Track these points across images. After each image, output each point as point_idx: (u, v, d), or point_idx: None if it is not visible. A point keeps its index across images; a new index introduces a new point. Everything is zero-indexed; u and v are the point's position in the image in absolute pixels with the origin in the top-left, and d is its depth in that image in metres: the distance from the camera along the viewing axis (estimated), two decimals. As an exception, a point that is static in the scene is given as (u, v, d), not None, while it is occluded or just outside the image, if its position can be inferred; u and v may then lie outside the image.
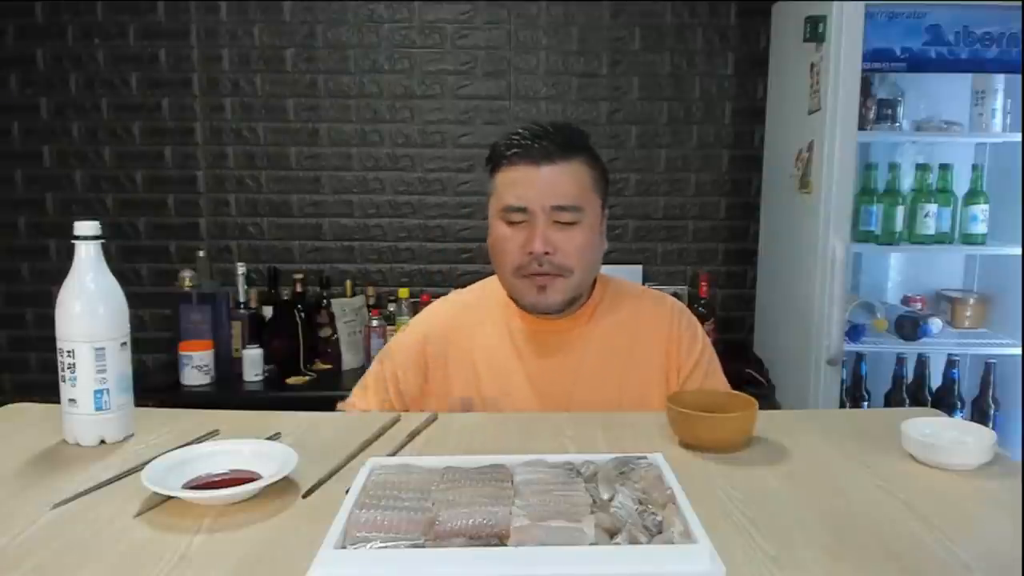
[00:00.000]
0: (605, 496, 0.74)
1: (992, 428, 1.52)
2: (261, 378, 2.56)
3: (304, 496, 0.85)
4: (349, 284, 2.82)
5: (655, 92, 2.86)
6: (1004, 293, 2.56)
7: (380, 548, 0.66)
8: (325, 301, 2.71)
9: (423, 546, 0.66)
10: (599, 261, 1.33)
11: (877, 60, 2.40)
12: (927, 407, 2.29)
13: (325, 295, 2.73)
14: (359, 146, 2.87)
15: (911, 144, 2.61)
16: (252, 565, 0.69)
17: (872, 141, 2.57)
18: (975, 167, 2.49)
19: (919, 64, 2.41)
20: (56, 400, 1.00)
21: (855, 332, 2.47)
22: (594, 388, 1.28)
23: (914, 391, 2.51)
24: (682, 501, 0.72)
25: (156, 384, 2.56)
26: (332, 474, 0.90)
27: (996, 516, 0.81)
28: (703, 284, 2.73)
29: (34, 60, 2.80)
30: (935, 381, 2.52)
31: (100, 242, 0.98)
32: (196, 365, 2.49)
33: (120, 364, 0.99)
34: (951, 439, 0.95)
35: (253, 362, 2.54)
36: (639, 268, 2.86)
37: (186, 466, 0.85)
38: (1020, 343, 2.41)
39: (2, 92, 2.81)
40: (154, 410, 1.13)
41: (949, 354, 2.48)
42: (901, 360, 2.51)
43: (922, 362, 2.51)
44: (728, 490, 0.85)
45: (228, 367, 2.57)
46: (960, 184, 2.50)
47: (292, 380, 2.56)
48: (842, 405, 2.44)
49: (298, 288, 2.70)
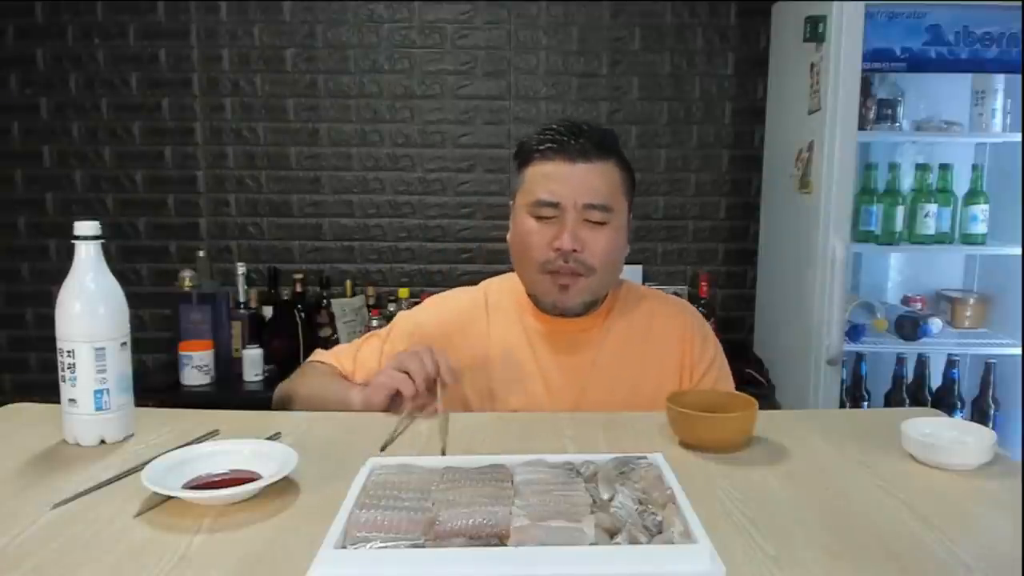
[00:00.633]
0: (605, 496, 0.74)
1: (992, 428, 1.52)
2: (261, 378, 2.55)
3: (381, 449, 0.99)
4: (349, 284, 2.82)
5: (655, 92, 2.86)
6: (1004, 293, 2.56)
7: (380, 548, 0.66)
8: (325, 301, 2.71)
9: (423, 546, 0.66)
10: (622, 265, 1.33)
11: (877, 60, 2.39)
12: (927, 407, 2.30)
13: (325, 295, 2.73)
14: (359, 146, 2.87)
15: (911, 144, 2.61)
16: (252, 565, 0.69)
17: (872, 141, 2.57)
18: (975, 167, 2.49)
19: (919, 64, 2.41)
20: (56, 400, 1.00)
21: (855, 332, 2.47)
22: (608, 388, 1.28)
23: (914, 391, 2.51)
24: (682, 501, 0.72)
25: (156, 384, 2.56)
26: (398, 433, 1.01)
27: (996, 516, 0.81)
28: (703, 284, 2.73)
29: (34, 60, 2.80)
30: (935, 381, 2.53)
31: (100, 242, 0.98)
32: (196, 365, 2.49)
33: (120, 364, 0.99)
34: (951, 439, 0.95)
35: (253, 362, 2.54)
36: (639, 268, 2.86)
37: (186, 466, 0.85)
38: (1020, 343, 2.41)
39: (2, 92, 2.81)
40: (154, 410, 1.13)
41: (949, 354, 2.48)
42: (901, 360, 2.51)
43: (922, 362, 2.51)
44: (728, 490, 0.85)
45: (228, 367, 2.57)
46: (960, 184, 2.50)
47: (292, 380, 2.56)
48: (842, 405, 2.44)
49: (298, 288, 2.70)
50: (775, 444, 1.00)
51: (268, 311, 2.70)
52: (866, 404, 2.54)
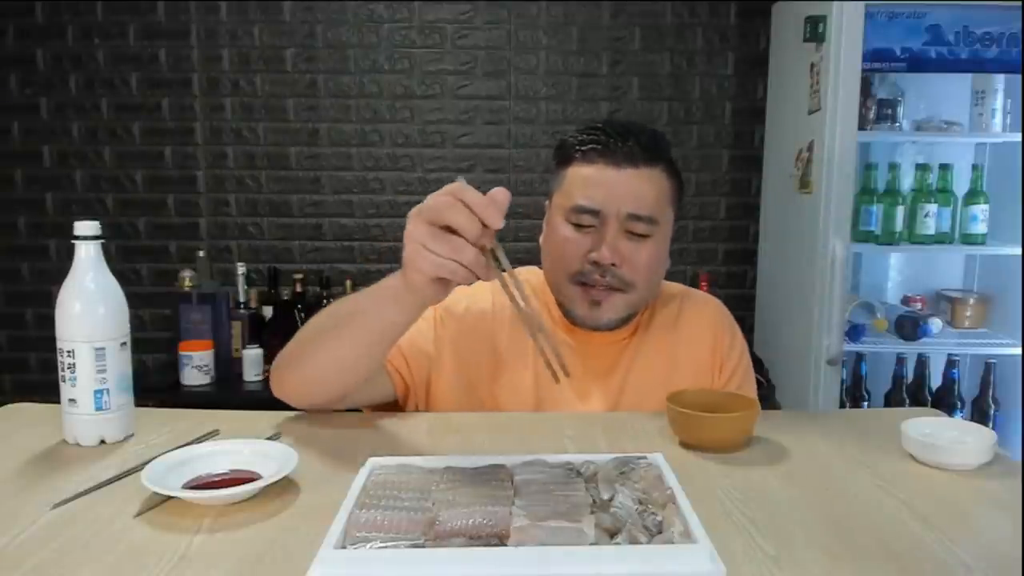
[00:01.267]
0: (605, 496, 0.74)
1: (992, 428, 1.52)
2: (261, 378, 2.56)
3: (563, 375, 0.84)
4: (349, 284, 2.82)
5: (655, 92, 2.86)
6: (1004, 293, 2.56)
7: (380, 548, 0.66)
8: (325, 301, 2.71)
9: (423, 546, 0.66)
10: (662, 280, 1.24)
11: (877, 60, 2.40)
12: (927, 407, 2.30)
13: (325, 295, 2.73)
14: (359, 146, 2.87)
15: (911, 144, 2.62)
16: (252, 565, 0.69)
17: (872, 141, 2.58)
18: (975, 167, 2.49)
19: (919, 64, 2.41)
20: (56, 400, 1.00)
21: (855, 332, 2.48)
22: (641, 397, 1.20)
23: (914, 391, 2.51)
24: (682, 501, 0.72)
25: (156, 384, 2.56)
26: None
27: (996, 516, 0.81)
28: (703, 284, 2.73)
29: (34, 60, 2.80)
30: (935, 381, 2.53)
31: (100, 242, 0.98)
32: (196, 365, 2.49)
33: (120, 364, 0.99)
34: (951, 439, 0.95)
35: (253, 362, 2.55)
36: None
37: (186, 466, 0.85)
38: (1020, 343, 2.41)
39: (2, 92, 2.81)
40: (154, 410, 1.13)
41: (949, 354, 2.48)
42: (901, 360, 2.51)
43: (922, 362, 2.51)
44: (728, 490, 0.85)
45: (228, 367, 2.57)
46: (960, 184, 2.50)
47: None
48: (842, 405, 2.44)
49: (298, 288, 2.70)
50: (775, 444, 1.00)
51: (268, 311, 2.70)
52: (866, 404, 2.54)
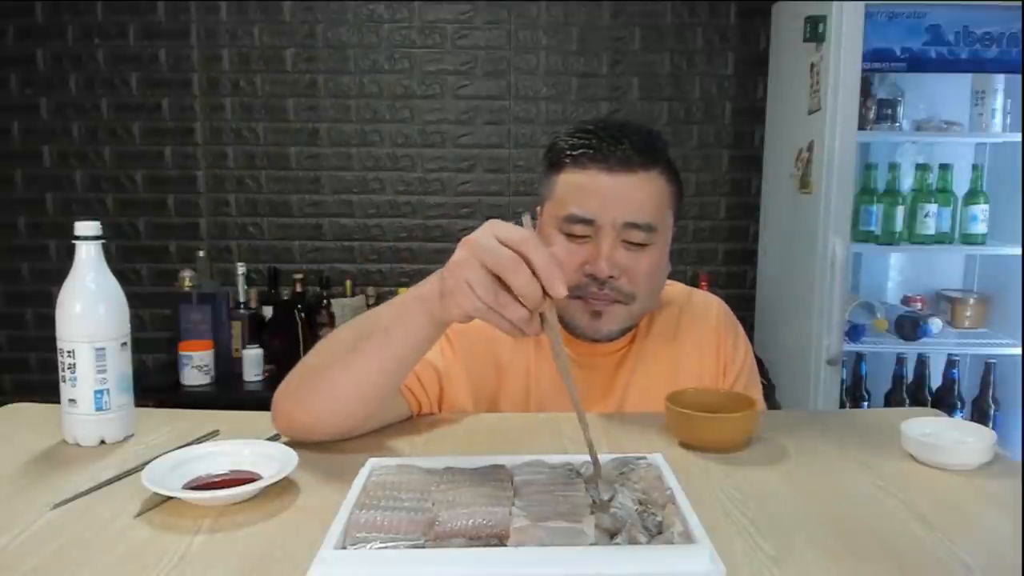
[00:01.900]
0: (605, 496, 0.74)
1: (992, 428, 1.52)
2: (261, 378, 2.56)
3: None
4: (349, 284, 2.82)
5: (655, 92, 2.86)
6: (1004, 293, 2.56)
7: (380, 548, 0.66)
8: (325, 301, 2.71)
9: (423, 546, 0.66)
10: (663, 287, 1.19)
11: (877, 60, 2.40)
12: (927, 407, 2.30)
13: (325, 295, 2.73)
14: (359, 146, 2.87)
15: (911, 144, 2.62)
16: (252, 565, 0.69)
17: (872, 141, 2.58)
18: (975, 167, 2.49)
19: (919, 64, 2.41)
20: (56, 400, 1.00)
21: (855, 332, 2.48)
22: (644, 404, 1.18)
23: (914, 391, 2.51)
24: (682, 501, 0.72)
25: (156, 384, 2.56)
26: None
27: (996, 516, 0.81)
28: (703, 284, 2.73)
29: (34, 60, 2.80)
30: (935, 381, 2.53)
31: (101, 242, 0.98)
32: (196, 365, 2.49)
33: (120, 364, 0.99)
34: (951, 439, 0.95)
35: (253, 362, 2.55)
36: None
37: (186, 466, 0.85)
38: (1020, 343, 2.41)
39: (2, 92, 2.82)
40: (154, 410, 1.13)
41: (949, 354, 2.48)
42: (901, 360, 2.51)
43: (922, 362, 2.51)
44: (728, 490, 0.85)
45: (228, 367, 2.58)
46: (960, 184, 2.50)
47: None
48: (842, 405, 2.44)
49: (298, 288, 2.71)
50: (775, 444, 1.00)
51: (268, 311, 2.70)
52: (866, 404, 2.55)
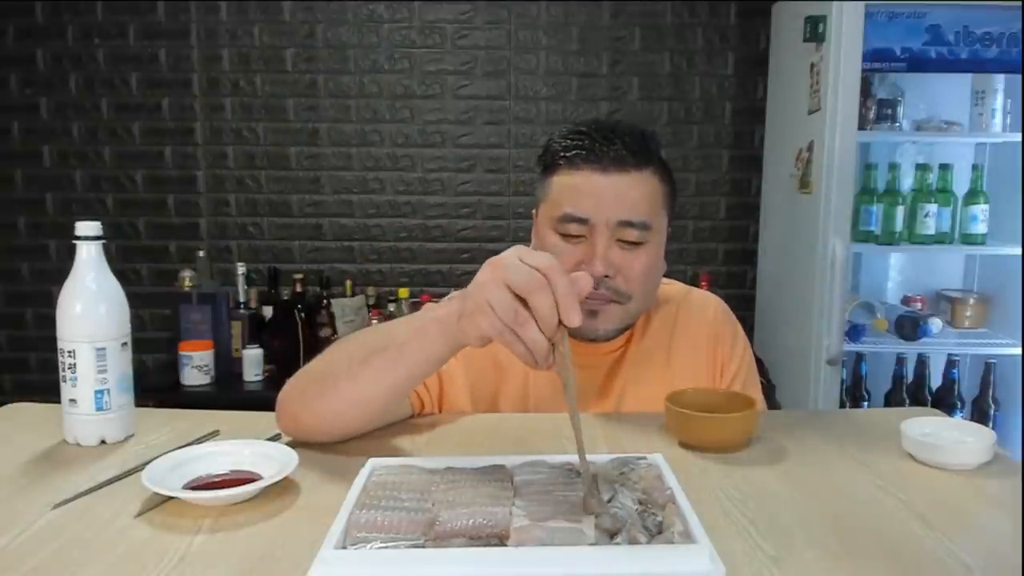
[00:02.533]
0: (605, 496, 0.74)
1: (992, 428, 1.52)
2: (261, 378, 2.56)
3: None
4: (349, 284, 2.82)
5: (655, 92, 2.86)
6: (1004, 293, 2.56)
7: (380, 548, 0.66)
8: (325, 301, 2.71)
9: (423, 546, 0.66)
10: (659, 286, 1.20)
11: (877, 60, 2.40)
12: (927, 407, 2.30)
13: (325, 295, 2.73)
14: (359, 146, 2.87)
15: (911, 144, 2.62)
16: (252, 565, 0.69)
17: (872, 141, 2.58)
18: (975, 167, 2.49)
19: (919, 64, 2.41)
20: (56, 400, 1.00)
21: (855, 332, 2.48)
22: (642, 404, 1.17)
23: (914, 391, 2.51)
24: (682, 501, 0.72)
25: (156, 384, 2.56)
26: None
27: (996, 516, 0.81)
28: (703, 284, 2.73)
29: (34, 60, 2.80)
30: (935, 381, 2.53)
31: (101, 242, 0.98)
32: (196, 365, 2.49)
33: (121, 364, 0.99)
34: (951, 439, 0.95)
35: (253, 362, 2.55)
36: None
37: (186, 466, 0.85)
38: (1020, 343, 2.41)
39: (2, 92, 2.82)
40: (154, 410, 1.13)
41: (949, 354, 2.48)
42: (901, 360, 2.51)
43: (922, 362, 2.51)
44: (728, 490, 0.85)
45: (228, 367, 2.58)
46: (960, 184, 2.50)
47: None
48: (842, 405, 2.44)
49: (298, 288, 2.71)
50: (775, 444, 1.00)
51: (268, 311, 2.70)
52: (866, 404, 2.55)
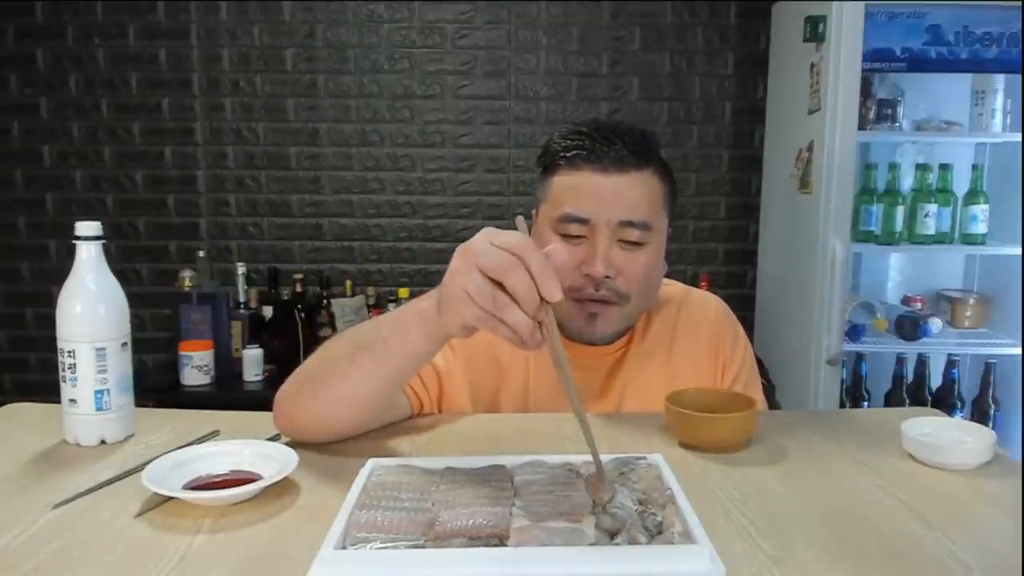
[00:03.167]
0: (605, 497, 0.74)
1: (992, 428, 1.52)
2: (261, 378, 2.56)
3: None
4: (349, 284, 2.82)
5: (655, 92, 2.86)
6: (1004, 293, 2.56)
7: (380, 548, 0.66)
8: (325, 301, 2.71)
9: (423, 546, 0.66)
10: (659, 287, 1.20)
11: (877, 60, 2.40)
12: (927, 407, 2.30)
13: (325, 295, 2.73)
14: (359, 146, 2.87)
15: (911, 144, 2.62)
16: (252, 565, 0.69)
17: (872, 141, 2.58)
18: (975, 167, 2.49)
19: (919, 64, 2.41)
20: (56, 400, 1.00)
21: (855, 332, 2.48)
22: (643, 404, 1.17)
23: (914, 391, 2.51)
24: (682, 501, 0.72)
25: (156, 384, 2.56)
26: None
27: (996, 516, 0.81)
28: (703, 284, 2.73)
29: (34, 60, 2.80)
30: (935, 381, 2.53)
31: (101, 242, 0.98)
32: (196, 365, 2.49)
33: (121, 364, 0.99)
34: (951, 439, 0.95)
35: (253, 362, 2.55)
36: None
37: (186, 466, 0.85)
38: (1020, 343, 2.41)
39: (2, 92, 2.82)
40: (154, 410, 1.13)
41: (949, 354, 2.48)
42: (901, 360, 2.51)
43: (922, 362, 2.51)
44: (728, 490, 0.85)
45: (228, 367, 2.58)
46: (960, 184, 2.50)
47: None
48: (842, 405, 2.44)
49: (298, 288, 2.71)
50: (775, 444, 1.00)
51: (268, 311, 2.70)
52: (866, 404, 2.55)
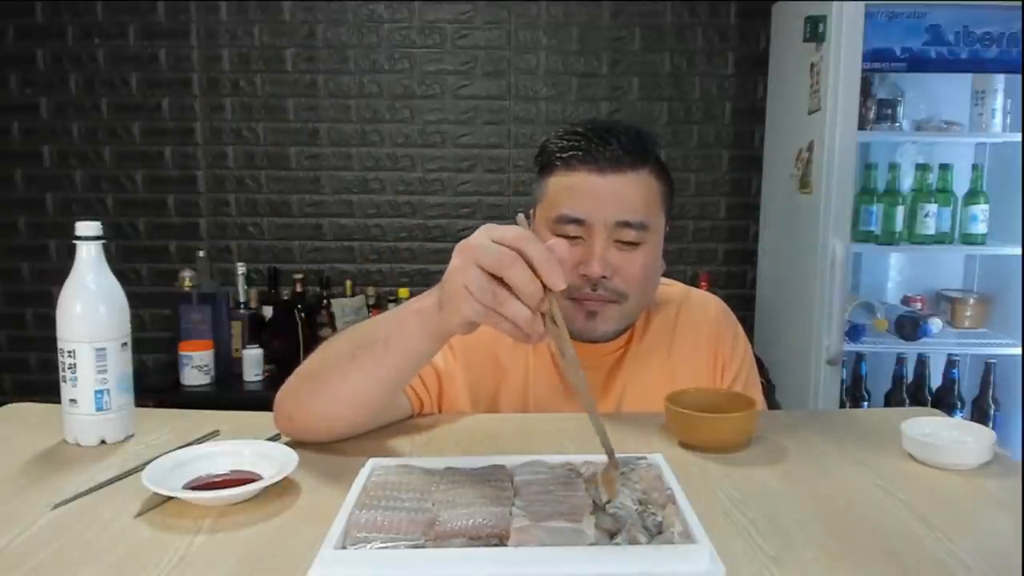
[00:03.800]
0: (605, 496, 0.74)
1: (992, 428, 1.52)
2: (261, 378, 2.56)
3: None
4: (349, 284, 2.82)
5: (655, 92, 2.86)
6: (1004, 293, 2.56)
7: (380, 548, 0.66)
8: (325, 301, 2.71)
9: (423, 546, 0.66)
10: (657, 285, 1.20)
11: (877, 60, 2.40)
12: (927, 407, 2.30)
13: (325, 295, 2.73)
14: (359, 146, 2.87)
15: (911, 144, 2.62)
16: (252, 565, 0.69)
17: (872, 141, 2.58)
18: (975, 167, 2.49)
19: (919, 64, 2.41)
20: (56, 400, 1.00)
21: (855, 332, 2.48)
22: (642, 404, 1.17)
23: (914, 391, 2.51)
24: (682, 501, 0.72)
25: (156, 384, 2.56)
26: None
27: (996, 516, 0.81)
28: (703, 284, 2.73)
29: (34, 60, 2.80)
30: (935, 381, 2.53)
31: (101, 242, 0.98)
32: (196, 365, 2.49)
33: (121, 364, 0.99)
34: (951, 439, 0.95)
35: (253, 362, 2.55)
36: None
37: (186, 466, 0.85)
38: (1020, 343, 2.41)
39: (2, 92, 2.82)
40: (154, 410, 1.13)
41: (949, 354, 2.48)
42: (901, 360, 2.51)
43: (922, 362, 2.51)
44: (728, 490, 0.85)
45: (228, 367, 2.58)
46: (960, 184, 2.50)
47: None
48: (842, 405, 2.44)
49: (298, 288, 2.71)
50: (775, 444, 1.00)
51: (268, 311, 2.70)
52: (866, 404, 2.55)
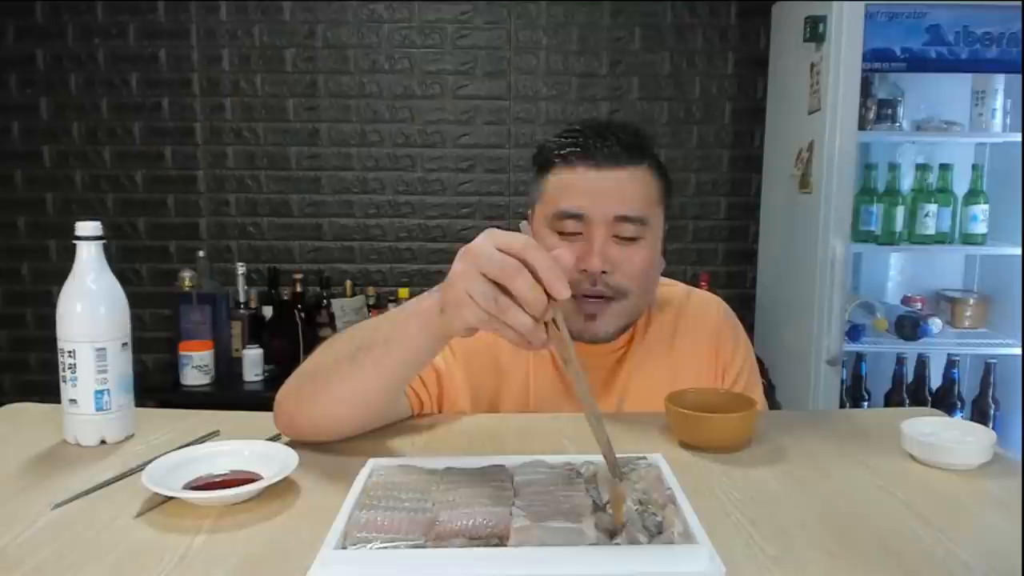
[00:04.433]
0: (605, 497, 0.74)
1: (992, 428, 1.52)
2: (261, 378, 2.56)
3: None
4: (349, 284, 2.82)
5: (655, 92, 2.86)
6: (1004, 293, 2.56)
7: (380, 548, 0.66)
8: (325, 301, 2.71)
9: (423, 546, 0.66)
10: (657, 282, 1.20)
11: (877, 60, 2.40)
12: (927, 407, 2.30)
13: (325, 295, 2.73)
14: (359, 146, 2.87)
15: (911, 144, 2.62)
16: (253, 565, 0.69)
17: (872, 141, 2.57)
18: (975, 167, 2.49)
19: (919, 64, 2.41)
20: (56, 400, 1.00)
21: (855, 332, 2.48)
22: (643, 404, 1.16)
23: (914, 391, 2.51)
24: (682, 501, 0.72)
25: (156, 384, 2.56)
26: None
27: (996, 516, 0.81)
28: (703, 284, 2.73)
29: (34, 60, 2.80)
30: (935, 381, 2.53)
31: (101, 242, 0.98)
32: (196, 365, 2.49)
33: (121, 364, 0.99)
34: (951, 439, 0.95)
35: (253, 362, 2.55)
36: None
37: (187, 467, 0.85)
38: (1020, 343, 2.41)
39: (2, 92, 2.82)
40: (154, 410, 1.13)
41: (949, 354, 2.48)
42: (901, 360, 2.51)
43: (922, 362, 2.51)
44: (728, 490, 0.85)
45: (228, 367, 2.58)
46: (960, 184, 2.50)
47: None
48: (842, 405, 2.44)
49: (298, 288, 2.71)
50: (775, 444, 1.00)
51: (268, 311, 2.70)
52: (866, 404, 2.55)
